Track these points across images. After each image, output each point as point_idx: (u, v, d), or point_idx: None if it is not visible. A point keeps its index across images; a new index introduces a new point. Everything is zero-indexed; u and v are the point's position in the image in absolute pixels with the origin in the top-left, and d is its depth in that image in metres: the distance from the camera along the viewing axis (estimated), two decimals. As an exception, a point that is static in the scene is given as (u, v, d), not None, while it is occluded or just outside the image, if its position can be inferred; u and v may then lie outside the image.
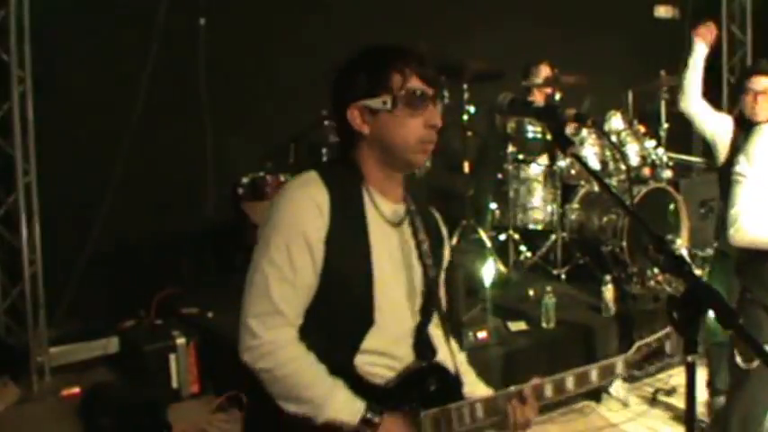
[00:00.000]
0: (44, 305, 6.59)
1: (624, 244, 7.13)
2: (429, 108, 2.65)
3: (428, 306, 2.87)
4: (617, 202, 2.69)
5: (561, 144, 2.53)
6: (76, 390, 6.18)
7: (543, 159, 7.57)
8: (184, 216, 7.40)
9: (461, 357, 3.06)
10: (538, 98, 7.95)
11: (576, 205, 7.56)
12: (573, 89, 7.93)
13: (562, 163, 7.45)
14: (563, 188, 7.56)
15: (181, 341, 6.22)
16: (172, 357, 6.17)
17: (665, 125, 8.68)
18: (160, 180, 7.22)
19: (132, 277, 7.00)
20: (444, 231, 3.04)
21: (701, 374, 5.48)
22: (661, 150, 8.13)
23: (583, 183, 7.63)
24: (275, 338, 2.58)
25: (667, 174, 8.15)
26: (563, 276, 7.39)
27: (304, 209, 2.59)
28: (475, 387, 2.98)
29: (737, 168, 4.22)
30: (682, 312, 2.07)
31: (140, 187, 7.11)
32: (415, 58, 2.69)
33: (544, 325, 6.31)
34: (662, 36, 11.04)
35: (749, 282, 4.34)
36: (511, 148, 7.62)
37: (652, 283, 7.19)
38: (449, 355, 2.91)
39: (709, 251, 8.54)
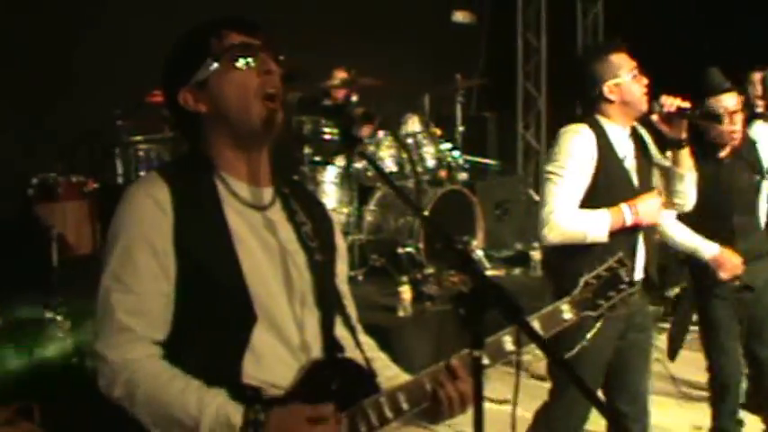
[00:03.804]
0: None
1: (420, 245, 7.38)
2: (259, 57, 2.50)
3: (324, 296, 2.63)
4: (407, 203, 2.74)
5: (349, 142, 2.49)
6: None
7: (340, 161, 7.72)
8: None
9: (372, 344, 2.82)
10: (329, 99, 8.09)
11: (372, 207, 7.73)
12: (370, 91, 8.11)
13: (358, 165, 7.63)
14: (360, 190, 7.71)
15: (-36, 350, 6.10)
16: (-45, 368, 6.05)
17: (461, 128, 9.05)
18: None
19: None
20: (333, 217, 2.85)
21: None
22: (457, 153, 8.45)
23: (379, 185, 7.78)
24: (124, 356, 2.34)
25: (463, 176, 8.49)
26: (360, 278, 7.55)
27: (142, 210, 2.41)
28: (391, 375, 2.71)
29: (549, 168, 4.22)
30: (468, 309, 2.08)
31: None
32: (229, 19, 2.57)
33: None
34: (459, 40, 11.44)
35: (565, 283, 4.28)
36: (307, 150, 7.74)
37: (448, 283, 7.45)
38: (354, 346, 2.66)
39: (505, 252, 8.98)
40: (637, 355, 4.42)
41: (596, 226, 4.09)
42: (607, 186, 4.19)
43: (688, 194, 4.44)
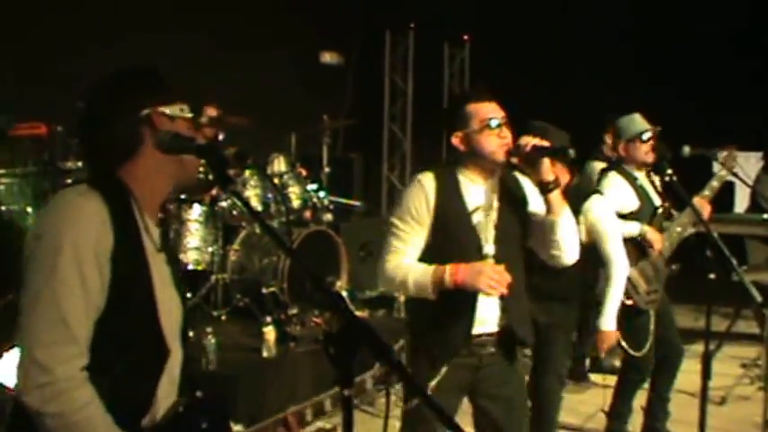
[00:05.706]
0: None
1: (285, 286, 7.42)
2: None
3: (185, 338, 2.74)
4: (277, 242, 2.83)
5: (222, 182, 2.53)
6: None
7: (205, 199, 7.67)
8: None
9: None
10: (201, 138, 8.05)
11: (236, 246, 7.71)
12: (238, 130, 8.14)
13: (224, 204, 7.66)
14: (224, 229, 7.71)
15: None
16: None
17: (327, 169, 9.16)
18: None
19: None
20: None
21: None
22: (323, 193, 8.54)
23: (244, 224, 7.78)
24: (72, 375, 2.32)
25: (328, 217, 8.58)
26: (223, 318, 7.57)
27: (91, 221, 2.39)
28: None
29: (390, 218, 4.24)
30: (338, 348, 2.13)
31: None
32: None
33: (205, 367, 6.26)
34: (326, 81, 11.57)
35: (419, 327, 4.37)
36: (173, 188, 7.64)
37: (312, 324, 7.52)
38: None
39: (369, 293, 9.08)
40: (507, 409, 4.29)
41: (417, 280, 4.02)
42: (448, 238, 4.13)
43: (564, 244, 4.13)
